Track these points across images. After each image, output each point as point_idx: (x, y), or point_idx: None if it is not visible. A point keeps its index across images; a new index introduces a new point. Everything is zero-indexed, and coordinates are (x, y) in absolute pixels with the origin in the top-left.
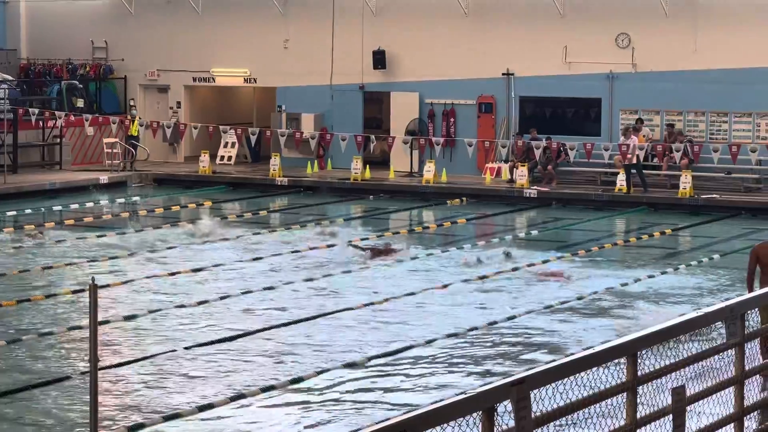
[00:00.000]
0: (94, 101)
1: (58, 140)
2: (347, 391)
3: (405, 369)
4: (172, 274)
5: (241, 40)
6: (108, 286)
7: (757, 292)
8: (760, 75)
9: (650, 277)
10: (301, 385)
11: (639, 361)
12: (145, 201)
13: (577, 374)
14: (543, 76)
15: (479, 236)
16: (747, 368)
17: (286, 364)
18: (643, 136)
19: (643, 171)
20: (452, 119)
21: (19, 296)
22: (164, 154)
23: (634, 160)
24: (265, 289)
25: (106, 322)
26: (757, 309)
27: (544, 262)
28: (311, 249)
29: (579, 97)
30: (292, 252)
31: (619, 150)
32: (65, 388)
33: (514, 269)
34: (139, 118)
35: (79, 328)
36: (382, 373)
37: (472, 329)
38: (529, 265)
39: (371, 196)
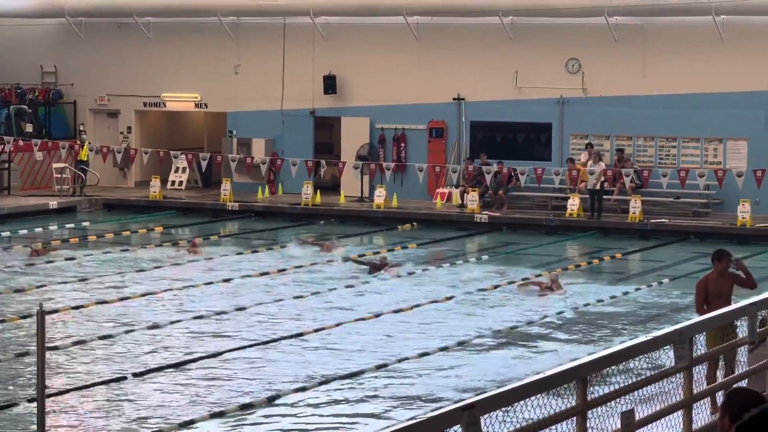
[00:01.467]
0: (43, 126)
1: (7, 165)
2: (296, 418)
3: (354, 394)
4: (123, 299)
5: (192, 65)
6: (57, 311)
7: (705, 316)
8: (708, 100)
9: (599, 301)
10: (252, 411)
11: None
12: (95, 226)
13: (528, 399)
14: (494, 101)
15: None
16: (695, 392)
17: (235, 389)
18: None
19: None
20: (403, 144)
21: None
22: (114, 179)
23: (598, 186)
24: (217, 313)
25: (55, 348)
26: (704, 333)
27: (495, 287)
28: (262, 274)
29: (529, 121)
30: (244, 276)
31: (579, 174)
32: (12, 415)
33: (467, 293)
34: (89, 143)
35: (27, 354)
36: (331, 398)
37: (423, 354)
38: (479, 290)
39: (322, 221)
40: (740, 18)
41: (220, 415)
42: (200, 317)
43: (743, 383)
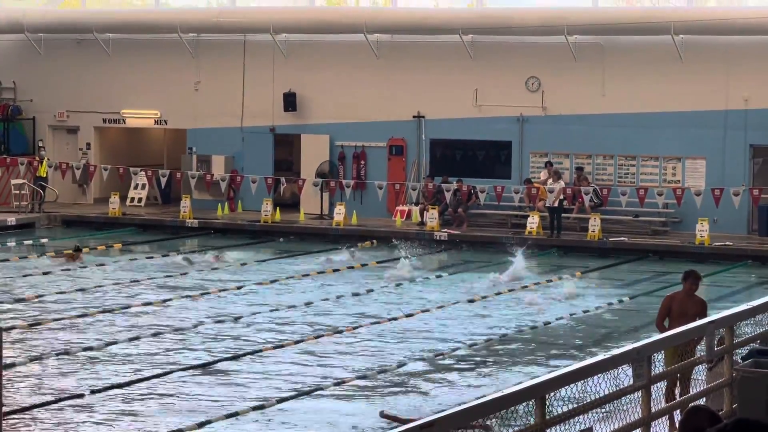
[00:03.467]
0: (2, 142)
1: None
2: None
3: (307, 412)
4: (81, 316)
5: (152, 81)
6: (14, 328)
7: (664, 334)
8: (666, 119)
9: (558, 319)
10: (210, 427)
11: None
12: (54, 243)
13: (487, 416)
14: (453, 119)
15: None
16: (653, 410)
17: (197, 407)
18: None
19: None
20: (363, 162)
21: None
22: (73, 196)
23: (556, 204)
24: (175, 330)
25: (12, 365)
26: (663, 351)
27: (438, 308)
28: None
29: (489, 139)
30: (203, 293)
31: (538, 192)
32: None
33: (408, 315)
34: (48, 159)
35: None
36: (285, 419)
37: (382, 371)
38: (439, 307)
39: (281, 239)
40: (699, 37)
41: None
42: (158, 334)
43: (701, 401)
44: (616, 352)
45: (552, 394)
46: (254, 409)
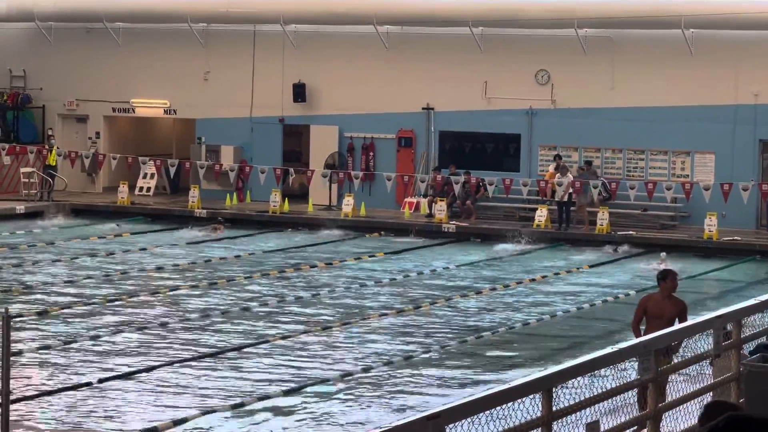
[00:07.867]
0: (12, 130)
1: None
2: (261, 426)
3: (315, 404)
4: (87, 304)
5: (162, 71)
6: (22, 316)
7: (671, 328)
8: (676, 113)
9: (565, 312)
10: (212, 416)
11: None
12: (62, 231)
13: (493, 409)
14: (463, 111)
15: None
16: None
17: (196, 398)
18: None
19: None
20: (371, 153)
21: None
22: (82, 185)
23: (565, 198)
24: (182, 320)
25: (19, 353)
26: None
27: (447, 299)
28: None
29: (498, 132)
30: (211, 284)
31: (546, 186)
32: None
33: (417, 307)
34: (57, 148)
35: None
36: (290, 410)
37: (387, 363)
38: (431, 303)
39: (290, 229)
40: (709, 32)
41: (182, 421)
42: (165, 324)
43: (708, 396)
44: (623, 345)
45: (558, 386)
46: (259, 399)
